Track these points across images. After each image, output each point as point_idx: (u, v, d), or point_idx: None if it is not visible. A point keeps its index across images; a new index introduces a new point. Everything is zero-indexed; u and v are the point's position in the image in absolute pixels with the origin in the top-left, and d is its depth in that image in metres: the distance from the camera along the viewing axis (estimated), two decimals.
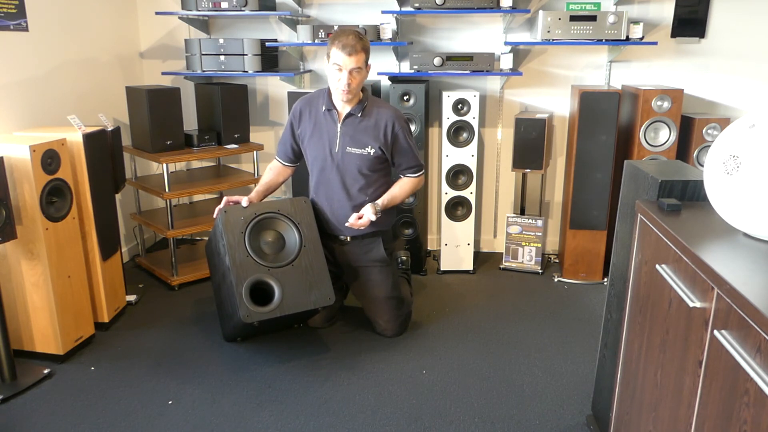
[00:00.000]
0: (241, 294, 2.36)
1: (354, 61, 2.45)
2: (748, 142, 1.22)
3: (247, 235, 2.44)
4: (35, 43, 2.91)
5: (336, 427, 2.14)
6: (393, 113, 2.63)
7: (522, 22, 3.57)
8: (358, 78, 2.50)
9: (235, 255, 2.39)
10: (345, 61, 2.45)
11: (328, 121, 2.64)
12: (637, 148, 3.21)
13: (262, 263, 2.43)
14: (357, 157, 2.62)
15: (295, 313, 2.44)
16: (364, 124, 2.61)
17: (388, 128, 2.60)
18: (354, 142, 2.61)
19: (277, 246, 2.50)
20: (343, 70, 2.46)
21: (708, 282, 1.15)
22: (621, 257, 1.87)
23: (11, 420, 2.17)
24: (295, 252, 2.50)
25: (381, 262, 2.74)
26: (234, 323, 2.50)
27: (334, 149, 2.63)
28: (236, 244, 2.40)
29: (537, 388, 2.39)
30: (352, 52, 2.44)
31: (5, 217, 2.25)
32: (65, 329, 2.54)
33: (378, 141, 2.60)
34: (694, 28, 3.41)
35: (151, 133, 3.22)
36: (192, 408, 2.25)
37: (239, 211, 2.48)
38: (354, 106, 2.60)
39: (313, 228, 2.57)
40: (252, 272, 2.40)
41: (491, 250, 3.97)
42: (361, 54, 2.46)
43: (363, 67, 2.50)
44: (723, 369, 1.08)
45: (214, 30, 3.82)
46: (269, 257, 2.48)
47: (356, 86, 2.52)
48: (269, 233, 2.50)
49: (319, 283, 2.51)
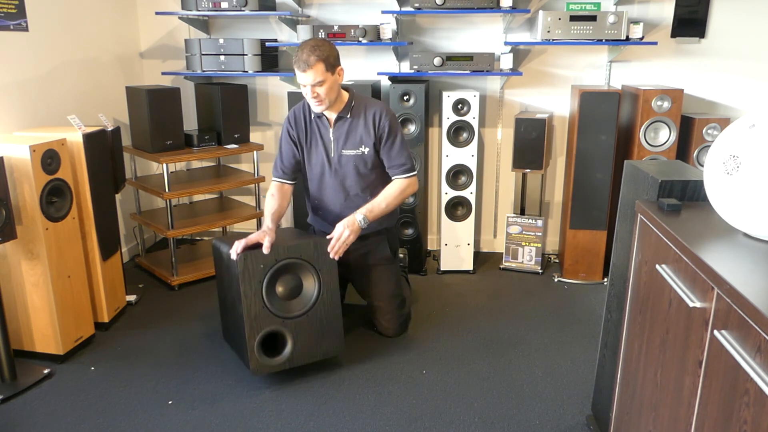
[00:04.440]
0: (253, 348, 2.29)
1: (312, 77, 2.38)
2: (748, 142, 1.22)
3: (265, 284, 2.30)
4: (35, 43, 2.91)
5: (336, 427, 2.14)
6: (381, 107, 2.61)
7: (522, 22, 3.57)
8: (324, 88, 2.43)
9: (251, 306, 2.28)
10: (303, 78, 2.40)
11: (321, 127, 2.63)
12: (637, 148, 3.21)
13: (277, 314, 2.33)
14: (353, 158, 2.61)
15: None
16: (354, 125, 2.60)
17: (376, 121, 2.58)
18: (348, 144, 2.60)
19: (294, 292, 2.39)
20: (306, 86, 2.43)
21: (708, 282, 1.14)
22: (621, 257, 1.87)
23: (11, 420, 2.17)
24: (312, 301, 2.40)
25: (386, 260, 2.74)
26: (236, 345, 2.52)
27: (331, 154, 2.62)
28: (253, 294, 2.27)
29: (537, 388, 2.39)
30: (306, 68, 2.37)
31: (5, 217, 2.25)
32: (65, 329, 2.54)
33: (370, 138, 2.59)
34: (694, 28, 3.41)
35: (151, 133, 3.22)
36: (192, 408, 2.25)
37: (259, 258, 2.29)
38: (341, 110, 2.58)
39: (334, 272, 2.44)
40: (266, 325, 2.31)
41: (491, 250, 3.97)
42: (317, 65, 2.37)
43: (324, 77, 2.41)
44: (723, 369, 1.08)
45: (214, 30, 3.82)
46: (284, 306, 2.36)
47: (326, 95, 2.46)
48: (287, 278, 2.37)
49: (331, 332, 2.45)
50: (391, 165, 2.64)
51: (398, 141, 2.62)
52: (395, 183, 2.64)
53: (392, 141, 2.61)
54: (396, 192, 2.61)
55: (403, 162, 2.64)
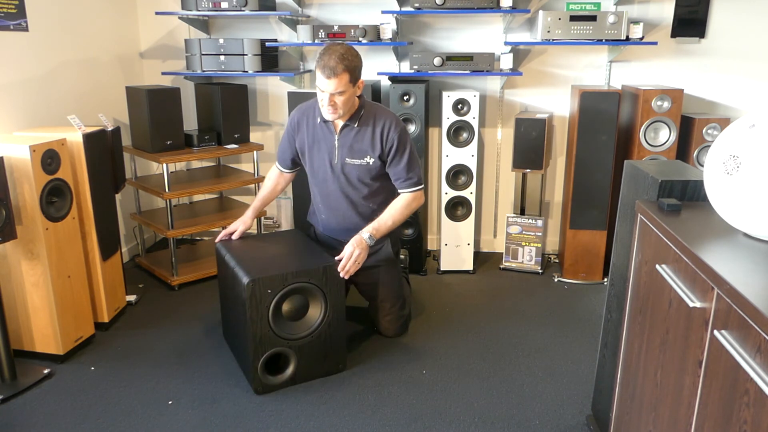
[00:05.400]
0: (257, 368, 2.29)
1: (334, 85, 2.31)
2: (748, 142, 1.22)
3: (272, 308, 2.28)
4: (35, 43, 2.91)
5: (336, 427, 2.14)
6: (391, 119, 2.54)
7: (522, 22, 3.57)
8: (342, 99, 2.37)
9: (257, 329, 2.26)
10: (324, 84, 2.33)
11: (325, 132, 2.57)
12: (637, 148, 3.21)
13: (282, 336, 2.31)
14: (356, 167, 2.56)
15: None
16: (360, 134, 2.53)
17: (385, 133, 2.51)
18: (352, 153, 2.54)
19: (300, 313, 2.37)
20: (325, 92, 2.35)
21: (708, 282, 1.14)
22: (621, 257, 1.87)
23: (11, 420, 2.17)
24: (317, 322, 2.38)
25: (388, 262, 2.73)
26: (237, 355, 2.52)
27: (334, 161, 2.57)
28: (259, 318, 2.25)
29: (537, 388, 2.39)
30: (331, 75, 2.29)
31: (5, 217, 2.25)
32: (65, 329, 2.54)
33: (376, 150, 2.53)
34: (694, 28, 3.41)
35: (151, 133, 3.22)
36: (192, 408, 2.25)
37: (267, 283, 2.24)
38: (349, 118, 2.52)
39: (341, 294, 2.43)
40: (271, 346, 2.29)
41: (491, 250, 3.97)
42: (343, 75, 2.31)
43: (346, 89, 2.35)
44: (723, 369, 1.08)
45: (214, 30, 3.82)
46: (290, 327, 2.35)
47: (343, 106, 2.40)
48: (295, 299, 2.34)
49: (334, 351, 2.44)
50: (397, 178, 2.59)
51: (406, 156, 2.55)
52: (401, 198, 2.59)
53: (400, 156, 2.54)
54: (401, 207, 2.57)
55: (410, 176, 2.57)
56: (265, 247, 2.59)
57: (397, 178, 2.59)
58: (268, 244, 2.64)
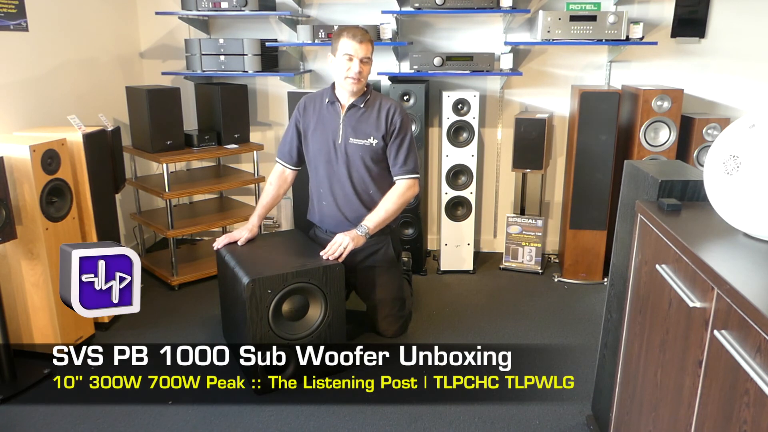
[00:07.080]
0: (257, 368, 2.28)
1: (364, 50, 2.49)
2: (748, 142, 1.22)
3: (272, 308, 2.29)
4: (35, 43, 2.91)
5: (336, 427, 2.14)
6: (396, 104, 2.64)
7: (522, 22, 3.57)
8: (367, 68, 2.52)
9: (257, 329, 2.27)
10: (356, 48, 2.47)
11: (331, 113, 2.63)
12: (637, 148, 3.21)
13: (281, 337, 2.32)
14: (360, 147, 2.60)
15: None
16: (366, 115, 2.60)
17: (390, 115, 2.60)
18: (356, 133, 2.60)
19: (300, 313, 2.38)
20: (354, 59, 2.48)
21: (708, 282, 1.14)
22: (621, 257, 1.87)
23: (11, 420, 2.17)
24: (317, 323, 2.39)
25: (389, 263, 2.73)
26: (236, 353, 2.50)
27: (338, 141, 2.61)
28: (259, 319, 2.27)
29: (537, 388, 2.39)
30: (363, 40, 2.48)
31: (5, 217, 2.25)
32: (65, 329, 2.54)
33: (380, 131, 2.59)
34: (694, 28, 3.41)
35: (151, 133, 3.22)
36: (192, 408, 2.25)
37: (266, 283, 2.25)
38: (357, 98, 2.60)
39: (341, 296, 2.45)
40: (271, 346, 2.29)
41: (491, 250, 3.97)
42: (369, 44, 2.51)
43: (371, 57, 2.53)
44: (723, 369, 1.08)
45: (214, 30, 3.82)
46: (290, 327, 2.36)
47: (365, 77, 2.55)
48: (295, 299, 2.35)
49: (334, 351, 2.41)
50: (394, 163, 2.63)
51: (407, 141, 2.63)
52: (395, 187, 2.63)
53: (401, 139, 2.61)
54: (395, 197, 2.60)
55: (407, 162, 2.63)
56: (265, 247, 2.59)
57: (394, 163, 2.64)
58: (268, 244, 2.64)
